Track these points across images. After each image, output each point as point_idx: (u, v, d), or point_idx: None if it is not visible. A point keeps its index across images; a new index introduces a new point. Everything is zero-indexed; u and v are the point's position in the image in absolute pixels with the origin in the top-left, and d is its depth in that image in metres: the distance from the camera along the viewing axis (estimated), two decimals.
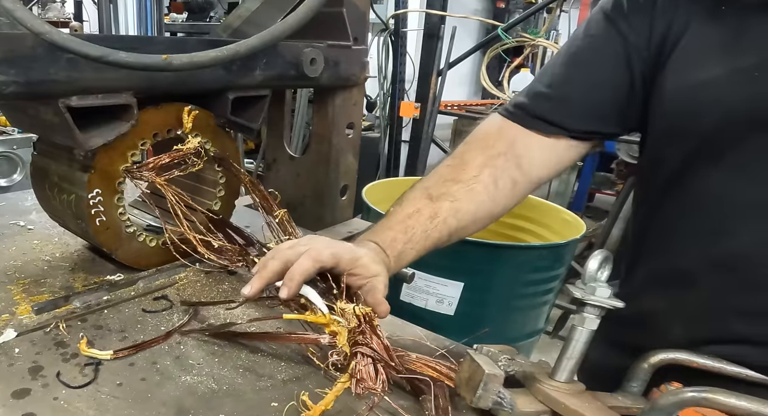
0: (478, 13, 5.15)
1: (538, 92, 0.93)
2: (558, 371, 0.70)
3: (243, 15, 1.19)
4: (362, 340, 0.72)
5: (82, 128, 0.86)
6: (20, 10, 0.69)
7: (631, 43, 0.84)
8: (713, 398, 0.58)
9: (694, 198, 0.81)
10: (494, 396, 0.67)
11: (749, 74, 0.72)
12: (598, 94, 0.88)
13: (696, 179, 0.80)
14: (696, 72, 0.77)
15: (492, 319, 2.12)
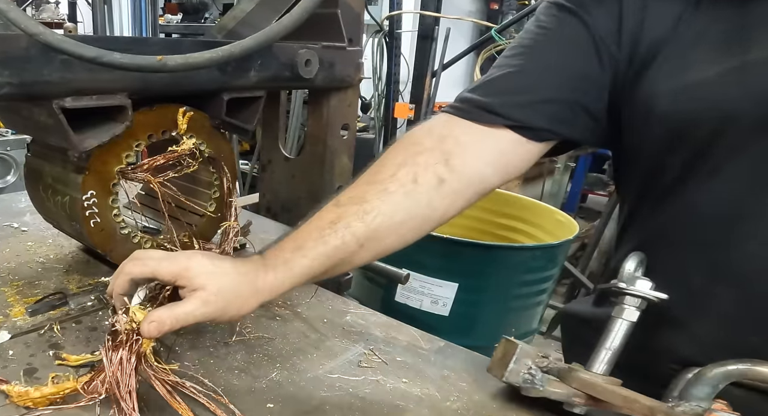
0: (472, 15, 5.17)
1: (482, 83, 0.85)
2: (595, 363, 0.68)
3: (238, 16, 1.19)
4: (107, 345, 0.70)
5: (76, 129, 0.86)
6: (14, 10, 0.69)
7: (596, 34, 0.76)
8: (759, 370, 0.58)
9: (696, 209, 0.75)
10: (525, 371, 0.67)
11: (752, 71, 0.67)
12: (551, 80, 0.79)
13: (697, 188, 0.74)
14: (692, 73, 0.71)
15: (486, 319, 2.13)
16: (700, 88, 0.70)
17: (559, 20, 0.80)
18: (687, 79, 0.71)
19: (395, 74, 4.05)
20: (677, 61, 0.72)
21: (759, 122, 0.68)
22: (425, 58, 3.58)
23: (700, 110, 0.71)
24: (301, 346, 0.89)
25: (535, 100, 0.80)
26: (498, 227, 2.64)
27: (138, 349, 0.70)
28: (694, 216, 0.76)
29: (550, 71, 0.80)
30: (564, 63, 0.80)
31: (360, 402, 0.77)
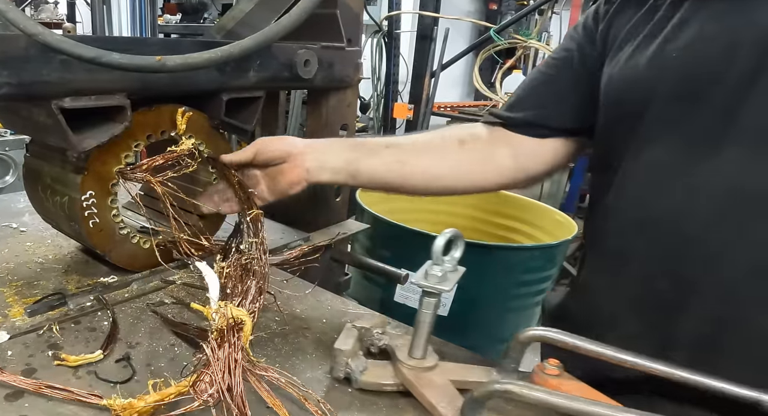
0: (471, 15, 5.18)
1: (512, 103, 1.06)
2: (414, 349, 0.80)
3: (237, 16, 1.19)
4: (213, 345, 0.71)
5: (75, 129, 0.86)
6: (13, 11, 0.69)
7: (579, 51, 0.95)
8: (512, 390, 0.62)
9: (624, 178, 0.84)
10: (343, 368, 0.79)
11: (668, 56, 0.78)
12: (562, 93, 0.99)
13: (633, 160, 0.83)
14: (626, 62, 0.84)
15: (485, 320, 2.13)
16: (630, 72, 0.83)
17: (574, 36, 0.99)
18: (624, 66, 0.84)
19: (394, 74, 4.06)
20: (621, 53, 0.85)
21: (673, 96, 0.78)
22: (424, 59, 3.59)
23: (628, 88, 0.83)
24: (300, 346, 0.89)
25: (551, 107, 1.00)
26: (497, 227, 2.64)
27: (239, 345, 0.71)
28: (626, 180, 0.84)
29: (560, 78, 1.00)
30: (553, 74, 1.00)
31: (359, 402, 0.77)
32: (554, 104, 0.99)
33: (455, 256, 0.79)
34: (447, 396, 0.73)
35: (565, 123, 0.99)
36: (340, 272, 1.46)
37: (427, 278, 0.76)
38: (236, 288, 0.86)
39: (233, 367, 0.68)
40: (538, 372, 0.74)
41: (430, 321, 0.79)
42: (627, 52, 0.84)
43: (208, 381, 0.67)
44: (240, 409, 0.65)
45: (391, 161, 1.02)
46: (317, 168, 1.01)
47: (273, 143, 1.03)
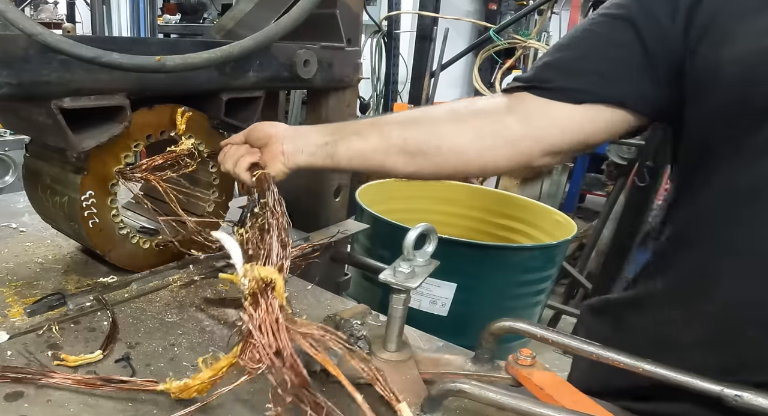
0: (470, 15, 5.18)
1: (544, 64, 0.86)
2: (388, 343, 0.81)
3: (236, 16, 1.19)
4: (249, 310, 0.67)
5: (74, 129, 0.86)
6: (13, 11, 0.69)
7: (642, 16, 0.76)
8: (464, 389, 0.64)
9: (741, 186, 0.71)
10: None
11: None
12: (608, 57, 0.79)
13: (749, 163, 0.70)
14: (751, 39, 0.68)
15: (485, 320, 2.11)
16: (763, 55, 0.67)
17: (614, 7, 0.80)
18: (750, 45, 0.68)
19: (394, 74, 4.06)
20: (740, 27, 0.69)
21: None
22: (424, 59, 3.59)
23: (759, 78, 0.67)
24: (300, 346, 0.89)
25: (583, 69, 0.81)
26: (496, 227, 2.64)
27: (275, 304, 0.67)
28: (737, 194, 0.72)
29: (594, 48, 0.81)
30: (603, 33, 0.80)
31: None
32: (608, 68, 0.79)
33: (428, 250, 0.79)
34: (413, 391, 0.74)
35: (619, 93, 0.79)
36: (339, 272, 1.46)
37: (395, 275, 0.76)
38: (258, 249, 0.83)
39: (276, 329, 0.65)
40: (511, 362, 0.76)
41: (401, 315, 0.79)
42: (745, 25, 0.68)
43: (254, 349, 0.65)
44: (294, 371, 0.63)
45: (372, 136, 0.91)
46: (294, 151, 0.94)
47: (262, 126, 0.99)
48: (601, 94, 0.79)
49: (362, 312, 0.89)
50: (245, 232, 0.86)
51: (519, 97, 0.86)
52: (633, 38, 0.76)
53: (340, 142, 0.92)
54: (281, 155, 0.94)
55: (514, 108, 0.86)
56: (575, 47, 0.82)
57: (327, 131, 0.95)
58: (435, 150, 0.87)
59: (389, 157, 0.90)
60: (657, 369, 0.67)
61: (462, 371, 0.80)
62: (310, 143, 0.94)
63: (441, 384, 0.68)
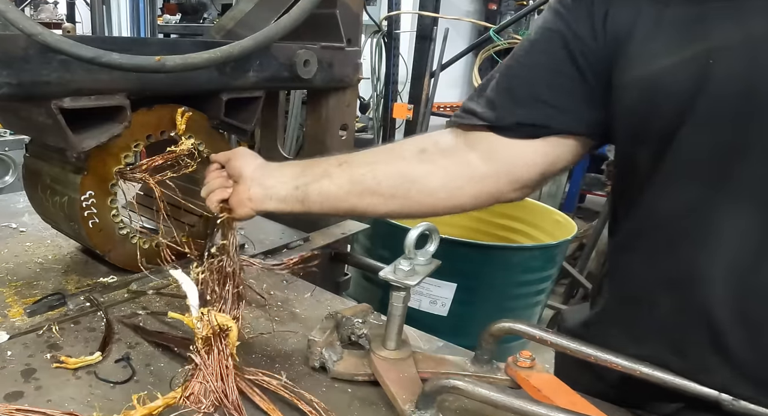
0: (470, 15, 5.17)
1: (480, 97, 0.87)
2: (387, 341, 0.81)
3: (236, 16, 1.19)
4: (202, 354, 0.70)
5: (74, 129, 0.86)
6: (13, 11, 0.69)
7: (571, 33, 0.77)
8: (459, 386, 0.65)
9: (649, 212, 0.74)
10: (318, 357, 0.82)
11: (701, 61, 0.65)
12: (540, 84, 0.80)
13: (660, 187, 0.72)
14: (648, 64, 0.70)
15: (484, 320, 2.11)
16: (658, 80, 0.69)
17: (550, 22, 0.81)
18: (646, 70, 0.70)
19: (394, 74, 4.05)
20: (638, 52, 0.71)
21: (716, 116, 0.65)
22: (424, 59, 3.58)
23: (657, 103, 0.69)
24: (300, 346, 0.89)
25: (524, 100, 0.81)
26: (496, 227, 2.64)
27: (227, 351, 0.70)
28: (653, 220, 0.74)
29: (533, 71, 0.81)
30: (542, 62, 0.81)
31: (359, 403, 0.77)
32: (554, 98, 0.80)
33: (429, 250, 0.79)
34: (410, 389, 0.74)
35: (568, 123, 0.80)
36: (339, 272, 1.46)
37: (396, 273, 0.77)
38: (214, 294, 0.86)
39: (225, 374, 0.68)
40: (510, 364, 0.77)
41: (401, 313, 0.80)
42: (642, 50, 0.70)
43: (200, 391, 0.67)
44: (239, 415, 0.65)
45: (343, 180, 0.88)
46: (262, 197, 0.91)
47: (237, 161, 0.95)
48: (557, 128, 0.80)
49: (364, 311, 0.89)
50: (201, 272, 0.88)
51: (478, 135, 0.85)
52: (570, 65, 0.77)
53: (311, 185, 0.89)
54: (248, 200, 0.91)
55: (476, 146, 0.85)
56: (519, 76, 0.82)
57: (297, 172, 0.92)
58: (405, 193, 0.86)
59: (362, 199, 0.88)
60: (654, 372, 0.67)
61: (461, 371, 0.80)
62: (279, 188, 0.91)
63: (435, 380, 0.68)
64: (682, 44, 0.67)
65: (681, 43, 0.67)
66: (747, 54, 0.63)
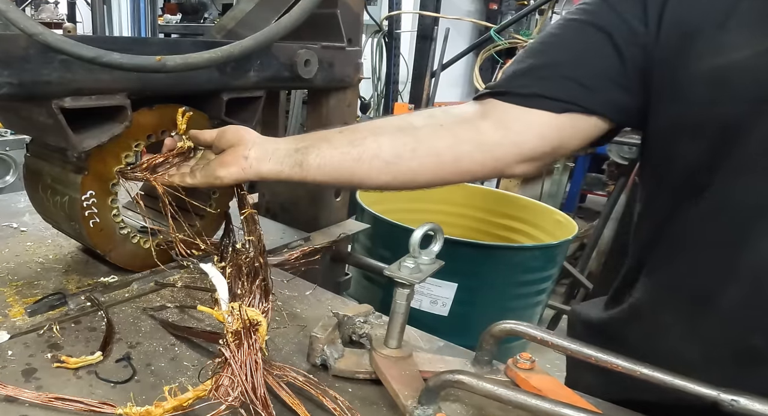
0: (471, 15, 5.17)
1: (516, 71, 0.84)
2: (389, 339, 0.81)
3: (237, 16, 1.19)
4: (232, 347, 0.70)
5: (75, 129, 0.86)
6: (13, 11, 0.69)
7: (615, 16, 0.74)
8: (462, 380, 0.65)
9: (714, 203, 0.72)
10: (319, 354, 0.83)
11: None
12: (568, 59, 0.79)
13: (716, 181, 0.71)
14: (723, 55, 0.67)
15: (485, 320, 2.11)
16: (731, 72, 0.66)
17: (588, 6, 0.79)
18: (716, 62, 0.67)
19: (394, 74, 4.06)
20: (709, 44, 0.68)
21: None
22: (424, 59, 3.59)
23: (729, 97, 0.67)
24: (301, 346, 0.89)
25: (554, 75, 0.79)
26: (497, 227, 2.64)
27: (256, 346, 0.70)
28: (716, 212, 0.72)
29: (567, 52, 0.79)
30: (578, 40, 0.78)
31: (360, 402, 0.77)
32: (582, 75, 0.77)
33: (434, 250, 0.79)
34: (412, 386, 0.75)
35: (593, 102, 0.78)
36: (340, 271, 1.46)
37: (400, 270, 0.77)
38: (243, 288, 0.86)
39: (254, 368, 0.68)
40: (510, 365, 0.77)
41: (404, 311, 0.80)
42: (712, 40, 0.68)
43: (228, 384, 0.66)
44: (266, 410, 0.65)
45: (342, 143, 0.84)
46: (258, 158, 0.87)
47: (236, 129, 0.93)
48: (583, 105, 0.77)
49: (366, 311, 0.89)
50: (228, 267, 0.88)
51: (493, 103, 0.83)
52: (606, 45, 0.74)
53: (310, 148, 0.86)
54: (243, 159, 0.87)
55: (489, 114, 0.83)
56: (547, 54, 0.80)
57: (297, 138, 0.90)
58: (411, 153, 0.82)
59: (362, 164, 0.83)
60: (654, 372, 0.67)
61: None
62: (280, 149, 0.88)
63: (439, 375, 0.68)
64: (757, 36, 0.65)
65: (756, 35, 0.65)
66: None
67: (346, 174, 0.85)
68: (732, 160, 0.69)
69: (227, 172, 0.88)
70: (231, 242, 1.03)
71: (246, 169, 0.87)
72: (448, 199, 2.67)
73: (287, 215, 1.44)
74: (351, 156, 0.83)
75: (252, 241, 0.95)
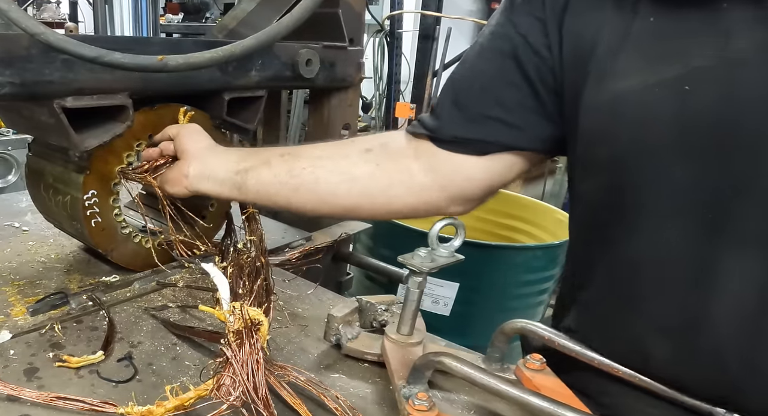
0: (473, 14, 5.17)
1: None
2: (401, 326, 0.83)
3: (239, 16, 1.19)
4: (233, 347, 0.70)
5: (77, 128, 0.86)
6: (15, 10, 0.69)
7: (520, 40, 0.71)
8: (444, 361, 0.67)
9: (621, 248, 0.68)
10: (334, 333, 0.86)
11: (674, 86, 0.57)
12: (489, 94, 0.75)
13: (621, 224, 0.66)
14: (611, 83, 0.62)
15: (487, 319, 2.13)
16: (620, 103, 0.61)
17: (499, 25, 0.76)
18: (609, 90, 0.62)
19: (396, 74, 4.06)
20: (602, 70, 0.63)
21: (696, 149, 0.57)
22: (426, 58, 3.58)
23: (615, 132, 0.62)
24: (302, 346, 0.89)
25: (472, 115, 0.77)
26: (499, 226, 2.64)
27: (258, 345, 0.70)
28: (616, 260, 0.69)
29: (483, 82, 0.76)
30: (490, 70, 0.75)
31: (361, 402, 0.77)
32: (500, 112, 0.74)
33: (454, 244, 0.80)
34: (409, 368, 0.75)
35: (517, 140, 0.75)
36: (341, 271, 1.46)
37: (414, 258, 0.78)
38: (244, 288, 0.86)
39: (256, 368, 0.68)
40: (520, 365, 0.77)
41: (416, 299, 0.81)
42: (608, 67, 0.63)
43: (230, 384, 0.66)
44: (268, 410, 0.65)
45: (282, 170, 0.85)
46: (198, 176, 0.89)
47: (185, 136, 0.93)
48: (505, 143, 0.76)
49: (390, 301, 0.91)
50: (229, 266, 0.89)
51: (425, 144, 0.81)
52: (517, 73, 0.71)
53: (251, 172, 0.86)
54: (184, 177, 0.90)
55: (420, 155, 0.82)
56: (467, 91, 0.78)
57: (241, 156, 0.90)
58: (346, 193, 0.83)
59: (299, 195, 0.85)
60: (653, 381, 0.67)
61: None
62: (219, 170, 0.88)
63: (425, 356, 0.70)
64: (653, 64, 0.59)
65: (652, 63, 0.59)
66: (724, 79, 0.55)
67: (283, 201, 0.87)
68: (624, 202, 0.65)
69: (174, 190, 0.93)
70: (232, 241, 1.03)
71: (188, 186, 0.91)
72: None
73: (288, 214, 1.44)
74: (288, 187, 0.85)
75: (253, 241, 0.95)
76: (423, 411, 0.65)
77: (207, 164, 0.90)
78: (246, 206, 1.02)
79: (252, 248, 0.95)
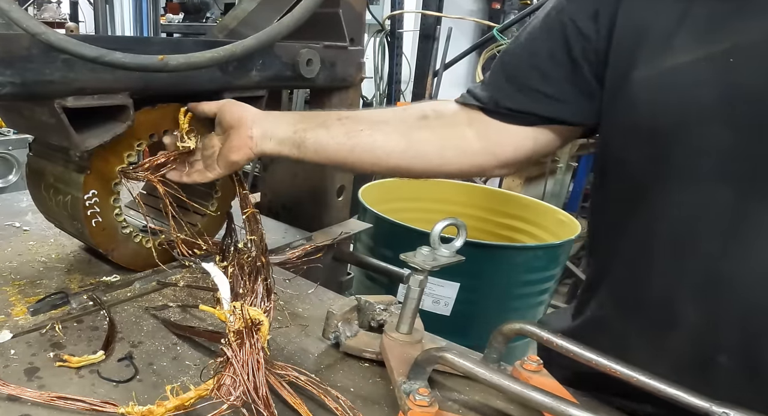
0: (474, 14, 5.17)
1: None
2: (401, 324, 0.83)
3: (239, 16, 1.19)
4: (234, 347, 0.70)
5: (77, 128, 0.86)
6: (16, 10, 0.69)
7: (571, 23, 0.78)
8: (445, 356, 0.67)
9: (664, 212, 0.72)
10: (333, 330, 0.86)
11: (722, 61, 0.63)
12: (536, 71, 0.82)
13: (663, 190, 0.71)
14: (664, 60, 0.68)
15: (488, 319, 2.13)
16: (668, 78, 0.67)
17: (553, 6, 0.83)
18: (661, 66, 0.68)
19: (397, 74, 4.06)
20: (657, 49, 0.69)
21: (728, 119, 0.63)
22: (427, 58, 3.58)
23: (664, 103, 0.68)
24: (303, 345, 0.89)
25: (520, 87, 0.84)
26: (500, 226, 2.64)
27: (258, 345, 0.70)
28: (659, 225, 0.73)
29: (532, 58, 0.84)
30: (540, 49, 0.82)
31: (362, 402, 0.77)
32: (547, 86, 0.82)
33: (456, 245, 0.80)
34: (409, 365, 0.75)
35: (562, 113, 0.82)
36: (342, 271, 1.46)
37: (416, 256, 0.78)
38: (245, 288, 0.86)
39: (256, 368, 0.68)
40: (517, 366, 0.77)
41: (416, 297, 0.81)
42: (664, 46, 0.68)
43: (230, 384, 0.67)
44: (268, 409, 0.65)
45: (339, 132, 0.91)
46: (262, 136, 0.93)
47: (232, 107, 0.96)
48: (550, 117, 0.84)
49: (389, 301, 0.92)
50: (230, 266, 0.89)
51: (477, 114, 0.90)
52: (566, 56, 0.79)
53: (309, 132, 0.92)
54: (249, 139, 0.93)
55: (473, 123, 0.90)
56: (519, 66, 0.85)
57: (296, 118, 0.95)
58: (401, 154, 0.91)
59: (354, 155, 0.91)
60: (650, 380, 0.67)
61: None
62: (279, 130, 0.93)
63: (426, 351, 0.70)
64: (703, 41, 0.66)
65: (703, 40, 0.66)
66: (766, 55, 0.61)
67: (339, 160, 0.93)
68: (667, 169, 0.70)
69: (239, 155, 0.94)
70: (233, 241, 1.03)
71: (253, 148, 0.93)
72: (450, 199, 2.67)
73: (289, 214, 1.44)
74: (345, 147, 0.91)
75: (254, 240, 0.95)
76: (423, 406, 0.65)
77: (267, 125, 0.93)
78: (246, 205, 1.02)
79: (252, 247, 0.95)
